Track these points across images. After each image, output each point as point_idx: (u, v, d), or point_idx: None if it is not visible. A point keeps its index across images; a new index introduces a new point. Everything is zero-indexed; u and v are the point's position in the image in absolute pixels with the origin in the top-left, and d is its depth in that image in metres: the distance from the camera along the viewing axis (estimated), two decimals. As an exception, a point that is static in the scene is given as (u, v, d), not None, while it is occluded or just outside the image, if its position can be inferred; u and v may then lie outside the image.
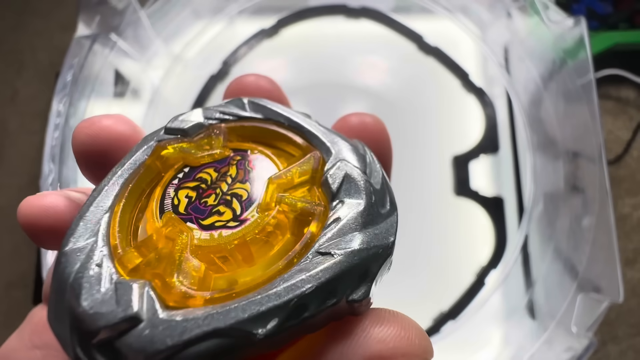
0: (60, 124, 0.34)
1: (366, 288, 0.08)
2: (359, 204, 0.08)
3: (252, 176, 0.09)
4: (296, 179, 0.08)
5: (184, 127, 0.10)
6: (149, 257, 0.08)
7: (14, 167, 0.47)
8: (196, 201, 0.08)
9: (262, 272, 0.07)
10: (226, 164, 0.09)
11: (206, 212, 0.08)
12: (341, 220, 0.07)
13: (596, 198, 0.31)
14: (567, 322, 0.30)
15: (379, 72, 0.40)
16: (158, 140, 0.10)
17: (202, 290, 0.07)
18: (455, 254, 0.37)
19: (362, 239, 0.07)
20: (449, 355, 0.34)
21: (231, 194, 0.08)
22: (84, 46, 0.34)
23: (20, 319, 0.42)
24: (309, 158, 0.09)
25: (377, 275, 0.08)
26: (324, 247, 0.07)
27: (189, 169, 0.09)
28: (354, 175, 0.08)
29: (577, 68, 0.33)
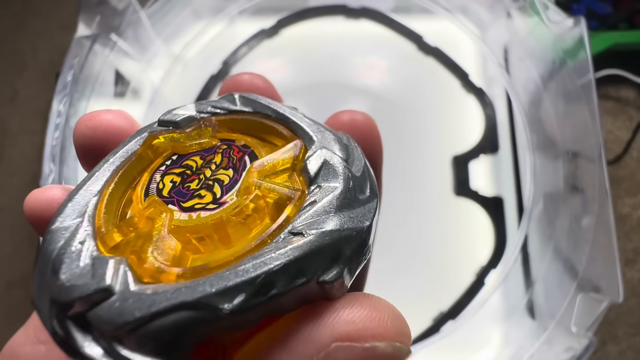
0: (61, 124, 0.34)
1: (338, 270, 0.08)
2: (336, 187, 0.08)
3: (235, 163, 0.09)
4: (278, 167, 0.09)
5: (176, 119, 0.10)
6: (129, 235, 0.08)
7: (15, 167, 0.47)
8: (180, 185, 0.09)
9: (235, 252, 0.08)
10: (212, 152, 0.10)
11: (187, 196, 0.09)
12: (316, 203, 0.08)
13: (596, 198, 0.31)
14: (567, 322, 0.30)
15: (379, 72, 0.40)
16: (150, 132, 0.10)
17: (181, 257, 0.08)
18: (455, 253, 0.37)
19: (336, 221, 0.07)
20: (448, 355, 0.34)
21: (213, 179, 0.09)
22: (85, 46, 0.34)
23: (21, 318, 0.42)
24: (292, 146, 0.09)
25: (350, 258, 0.08)
26: (297, 228, 0.07)
27: (176, 157, 0.10)
28: (333, 162, 0.08)
29: (577, 68, 0.33)
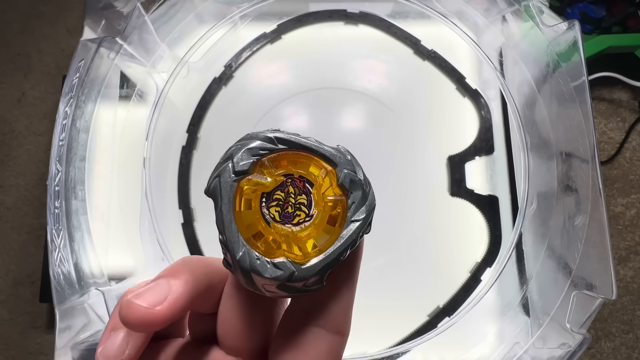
0: (67, 125, 0.34)
1: (370, 228, 0.16)
2: (359, 194, 0.15)
3: (303, 190, 0.16)
4: (325, 185, 0.16)
5: (246, 168, 0.16)
6: (275, 247, 0.15)
7: (22, 167, 0.48)
8: (283, 212, 0.16)
9: (329, 236, 0.15)
10: (285, 186, 0.16)
11: (292, 216, 0.15)
12: (354, 203, 0.15)
13: (589, 197, 0.32)
14: (561, 318, 0.31)
15: (377, 76, 0.41)
16: (235, 181, 0.16)
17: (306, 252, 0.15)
18: (451, 251, 0.38)
19: (364, 210, 0.15)
20: (444, 350, 0.34)
21: (299, 203, 0.16)
22: (90, 49, 0.35)
23: (26, 316, 0.43)
24: (328, 173, 0.16)
25: (370, 223, 0.16)
26: (352, 218, 0.15)
27: (266, 195, 0.16)
28: (354, 178, 0.16)
29: (571, 71, 0.34)
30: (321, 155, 0.16)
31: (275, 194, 0.16)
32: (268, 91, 0.40)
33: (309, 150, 0.16)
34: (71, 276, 0.33)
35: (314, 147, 0.16)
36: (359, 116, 0.41)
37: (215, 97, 0.40)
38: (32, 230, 0.46)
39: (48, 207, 0.33)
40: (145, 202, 0.36)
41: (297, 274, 0.15)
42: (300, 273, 0.15)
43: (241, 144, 0.16)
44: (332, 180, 0.16)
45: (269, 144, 0.16)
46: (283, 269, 0.15)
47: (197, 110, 0.40)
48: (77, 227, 0.34)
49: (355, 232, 0.15)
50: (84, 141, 0.36)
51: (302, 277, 0.15)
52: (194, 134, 0.39)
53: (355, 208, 0.15)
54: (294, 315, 0.16)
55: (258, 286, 0.15)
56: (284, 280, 0.14)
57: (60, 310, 0.30)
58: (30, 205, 0.47)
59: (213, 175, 0.16)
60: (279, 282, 0.14)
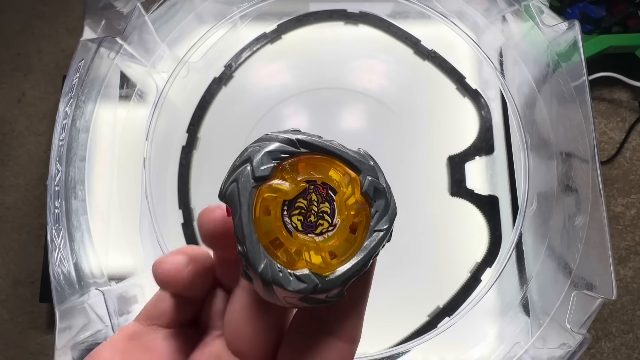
0: (67, 125, 0.34)
1: (391, 236, 0.15)
2: (383, 202, 0.15)
3: (325, 197, 0.15)
4: (348, 193, 0.15)
5: (267, 173, 0.15)
6: (300, 259, 0.15)
7: (22, 167, 0.48)
8: (305, 221, 0.15)
9: (352, 246, 0.15)
10: (308, 193, 0.15)
11: (315, 226, 0.15)
12: (378, 212, 0.15)
13: (589, 197, 0.32)
14: (561, 318, 0.31)
15: (377, 76, 0.41)
16: (254, 187, 0.15)
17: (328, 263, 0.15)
18: (451, 252, 0.38)
19: (388, 219, 0.15)
20: (445, 350, 0.34)
21: (321, 212, 0.15)
22: (90, 49, 0.35)
23: (26, 316, 0.43)
24: (352, 180, 0.15)
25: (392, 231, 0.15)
26: (376, 228, 0.15)
27: (288, 202, 0.15)
28: (378, 186, 0.15)
29: (571, 71, 0.34)
30: (345, 161, 0.15)
31: (297, 202, 0.15)
32: (268, 91, 0.40)
33: (333, 155, 0.15)
34: (71, 276, 0.33)
35: (338, 151, 0.15)
36: (359, 116, 0.41)
37: (215, 97, 0.40)
38: (32, 230, 0.46)
39: (48, 207, 0.33)
40: (145, 202, 0.36)
41: (321, 286, 0.14)
42: (324, 285, 0.14)
43: (259, 145, 0.15)
44: (356, 187, 0.15)
45: (291, 146, 0.15)
46: (307, 282, 0.14)
47: (197, 110, 0.40)
48: (77, 227, 0.34)
49: (378, 243, 0.15)
50: (84, 141, 0.36)
51: (325, 288, 0.14)
52: (194, 134, 0.39)
53: (378, 217, 0.15)
54: (306, 322, 0.16)
55: (279, 298, 0.15)
56: (308, 293, 0.14)
57: (60, 310, 0.30)
58: (30, 205, 0.47)
59: (229, 178, 0.15)
60: (301, 294, 0.14)
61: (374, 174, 0.15)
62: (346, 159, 0.15)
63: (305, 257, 0.15)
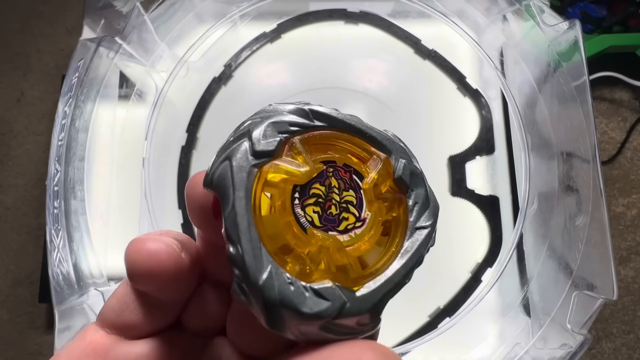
0: (66, 125, 0.34)
1: (435, 239, 0.12)
2: (423, 192, 0.11)
3: (349, 183, 0.11)
4: (380, 181, 0.11)
5: (271, 148, 0.11)
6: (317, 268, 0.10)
7: (21, 167, 0.48)
8: (324, 214, 0.11)
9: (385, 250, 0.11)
10: (325, 177, 0.11)
11: (337, 221, 0.11)
12: (418, 203, 0.11)
13: (590, 197, 0.32)
14: (562, 319, 0.31)
15: (378, 75, 0.41)
16: (254, 165, 0.11)
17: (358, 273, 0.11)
18: (452, 252, 0.38)
19: (432, 214, 0.11)
20: (445, 351, 0.34)
21: (345, 202, 0.11)
22: (90, 49, 0.35)
23: (26, 316, 0.43)
24: (382, 162, 0.12)
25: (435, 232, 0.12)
26: (417, 224, 0.11)
27: (299, 188, 0.11)
28: (415, 171, 0.12)
29: (572, 70, 0.34)
30: (371, 139, 0.12)
31: (312, 188, 0.11)
32: (268, 91, 0.40)
33: (356, 132, 0.12)
34: (70, 276, 0.32)
35: (363, 127, 0.12)
36: (359, 116, 0.40)
37: (215, 97, 0.40)
38: (31, 230, 0.46)
39: (47, 207, 0.33)
40: (145, 202, 0.36)
41: (350, 305, 0.10)
42: (354, 305, 0.10)
43: (261, 117, 0.11)
44: (387, 172, 0.11)
45: (302, 118, 0.11)
46: (330, 299, 0.10)
47: (196, 110, 0.39)
48: (76, 227, 0.34)
49: (423, 244, 0.11)
50: (83, 141, 0.35)
51: (356, 310, 0.10)
52: (193, 134, 0.39)
53: (419, 211, 0.11)
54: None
55: (289, 327, 0.10)
56: (332, 316, 0.10)
57: (60, 310, 0.30)
58: (30, 205, 0.47)
59: (219, 158, 0.11)
60: (322, 319, 0.10)
61: (406, 157, 0.12)
62: (373, 136, 0.12)
63: (326, 265, 0.10)
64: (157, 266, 0.11)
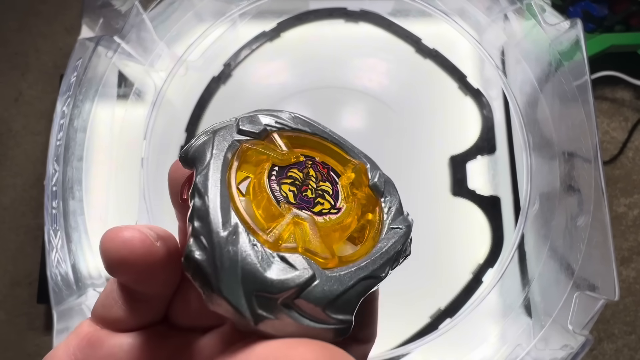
0: (65, 124, 0.34)
1: (410, 248, 0.12)
2: (397, 200, 0.12)
3: (327, 177, 0.12)
4: (356, 181, 0.12)
5: (256, 130, 0.11)
6: (285, 237, 0.10)
7: (19, 167, 0.48)
8: (299, 194, 0.11)
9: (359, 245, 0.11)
10: (304, 167, 0.12)
11: (312, 203, 0.11)
12: (392, 208, 0.12)
13: (591, 198, 0.31)
14: (564, 319, 0.31)
15: (378, 74, 0.41)
16: (237, 140, 0.11)
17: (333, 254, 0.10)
18: (453, 252, 0.37)
19: (407, 220, 0.12)
20: (446, 352, 0.34)
21: (320, 189, 0.11)
22: (88, 48, 0.35)
23: (24, 317, 0.42)
24: (358, 167, 0.12)
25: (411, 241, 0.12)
26: (393, 224, 0.11)
27: (278, 168, 0.11)
28: (389, 180, 0.12)
29: (573, 70, 0.33)
30: (348, 149, 0.12)
31: (290, 171, 0.11)
32: (267, 90, 0.40)
33: (335, 141, 0.12)
34: (69, 277, 0.32)
35: (341, 140, 0.12)
36: (359, 115, 0.40)
37: (214, 96, 0.40)
38: (30, 230, 0.46)
39: (45, 208, 0.33)
40: (144, 202, 0.36)
41: (319, 283, 0.09)
42: (323, 283, 0.09)
43: (251, 113, 0.12)
44: (363, 177, 0.12)
45: (288, 121, 0.12)
46: (299, 268, 0.09)
47: (195, 109, 0.39)
48: (74, 227, 0.34)
49: (398, 242, 0.11)
50: (82, 141, 0.35)
51: (325, 290, 0.09)
52: (192, 133, 0.39)
53: (394, 214, 0.12)
54: None
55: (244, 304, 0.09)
56: (298, 287, 0.09)
57: (58, 311, 0.30)
58: (28, 205, 0.47)
59: (200, 135, 0.11)
60: (287, 291, 0.09)
61: (381, 171, 0.12)
62: (350, 147, 0.13)
63: (299, 239, 0.10)
64: (130, 254, 0.11)
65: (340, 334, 0.09)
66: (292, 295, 0.09)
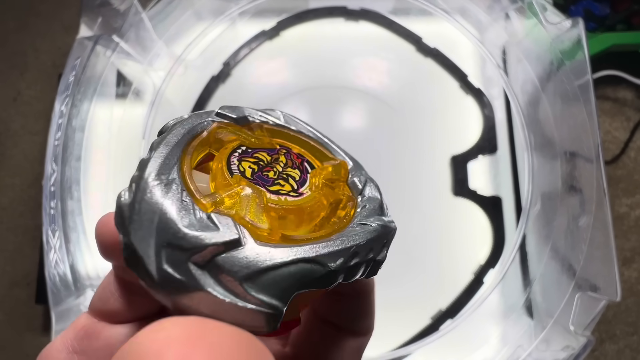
0: (63, 124, 0.34)
1: (384, 253, 0.10)
2: (377, 197, 0.11)
3: (298, 166, 0.11)
4: (334, 177, 0.11)
5: (234, 116, 0.11)
6: (226, 203, 0.09)
7: (17, 167, 0.47)
8: (259, 172, 0.10)
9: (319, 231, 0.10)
10: (276, 153, 0.11)
11: (270, 182, 0.10)
12: (368, 207, 0.11)
13: (593, 198, 0.31)
14: (565, 320, 0.30)
15: (379, 74, 0.41)
16: (211, 119, 0.11)
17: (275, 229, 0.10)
18: (454, 253, 0.37)
19: (383, 219, 0.10)
20: (447, 353, 0.34)
21: (286, 174, 0.11)
22: (87, 47, 0.34)
23: (23, 318, 0.42)
24: (342, 165, 0.12)
25: (389, 247, 0.11)
26: (362, 221, 0.10)
27: (245, 148, 0.11)
28: (372, 181, 0.12)
29: (575, 69, 0.33)
30: (334, 150, 0.12)
31: (258, 153, 0.11)
32: (267, 90, 0.40)
33: (319, 141, 0.12)
34: (67, 277, 0.32)
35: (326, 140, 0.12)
36: (359, 115, 0.40)
37: (213, 96, 0.39)
38: (28, 231, 0.46)
39: (43, 208, 0.32)
40: (142, 202, 0.35)
41: (245, 249, 0.08)
42: (250, 251, 0.08)
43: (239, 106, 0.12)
44: (343, 173, 0.12)
45: (275, 117, 0.12)
46: (221, 228, 0.08)
47: (194, 108, 0.39)
48: (72, 227, 0.33)
49: (363, 238, 0.09)
50: (80, 140, 0.35)
51: (248, 262, 0.08)
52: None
53: (369, 212, 0.10)
54: (315, 325, 0.13)
55: (145, 253, 0.08)
56: (214, 246, 0.08)
57: (57, 312, 0.30)
58: (26, 205, 0.46)
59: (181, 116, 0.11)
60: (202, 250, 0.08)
61: (366, 174, 0.12)
62: (337, 150, 0.12)
63: (240, 209, 0.09)
64: None
65: (266, 322, 0.08)
66: (207, 256, 0.08)
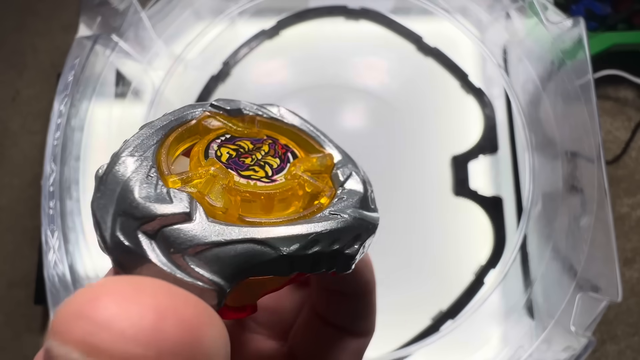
0: (62, 124, 0.34)
1: (356, 247, 0.10)
2: (359, 192, 0.11)
3: (280, 155, 0.11)
4: (315, 168, 0.11)
5: (227, 107, 0.12)
6: (192, 182, 0.10)
7: (16, 167, 0.47)
8: (235, 158, 0.11)
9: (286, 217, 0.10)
10: (260, 142, 0.11)
11: (244, 167, 0.10)
12: (345, 199, 0.10)
13: (594, 198, 0.31)
14: (566, 321, 0.30)
15: (379, 73, 0.40)
16: (203, 109, 0.11)
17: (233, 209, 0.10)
18: (455, 253, 0.37)
19: (362, 212, 0.10)
20: (448, 354, 0.34)
21: (264, 161, 0.11)
22: (86, 47, 0.34)
23: (22, 318, 0.42)
24: (326, 156, 0.12)
25: (364, 243, 0.10)
26: (334, 210, 0.10)
27: (229, 136, 0.11)
28: (356, 175, 0.11)
29: (576, 68, 0.33)
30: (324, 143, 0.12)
31: (240, 141, 0.11)
32: (266, 89, 0.40)
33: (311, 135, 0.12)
34: (66, 278, 0.32)
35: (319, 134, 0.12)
36: (359, 114, 0.40)
37: (213, 95, 0.39)
38: (27, 231, 0.46)
39: (42, 208, 0.32)
40: (141, 202, 0.35)
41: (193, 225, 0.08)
42: (197, 226, 0.08)
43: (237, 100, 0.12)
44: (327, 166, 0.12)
45: (270, 111, 0.12)
46: (174, 202, 0.08)
47: (194, 108, 0.39)
48: (71, 228, 0.33)
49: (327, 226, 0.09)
50: (79, 140, 0.35)
51: (194, 236, 0.08)
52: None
53: (345, 203, 0.10)
54: (315, 325, 0.14)
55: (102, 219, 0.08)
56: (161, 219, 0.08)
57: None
58: (25, 205, 0.46)
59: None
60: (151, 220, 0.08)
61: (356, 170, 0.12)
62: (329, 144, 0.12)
63: (202, 190, 0.09)
64: None
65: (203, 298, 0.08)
66: (156, 226, 0.08)
